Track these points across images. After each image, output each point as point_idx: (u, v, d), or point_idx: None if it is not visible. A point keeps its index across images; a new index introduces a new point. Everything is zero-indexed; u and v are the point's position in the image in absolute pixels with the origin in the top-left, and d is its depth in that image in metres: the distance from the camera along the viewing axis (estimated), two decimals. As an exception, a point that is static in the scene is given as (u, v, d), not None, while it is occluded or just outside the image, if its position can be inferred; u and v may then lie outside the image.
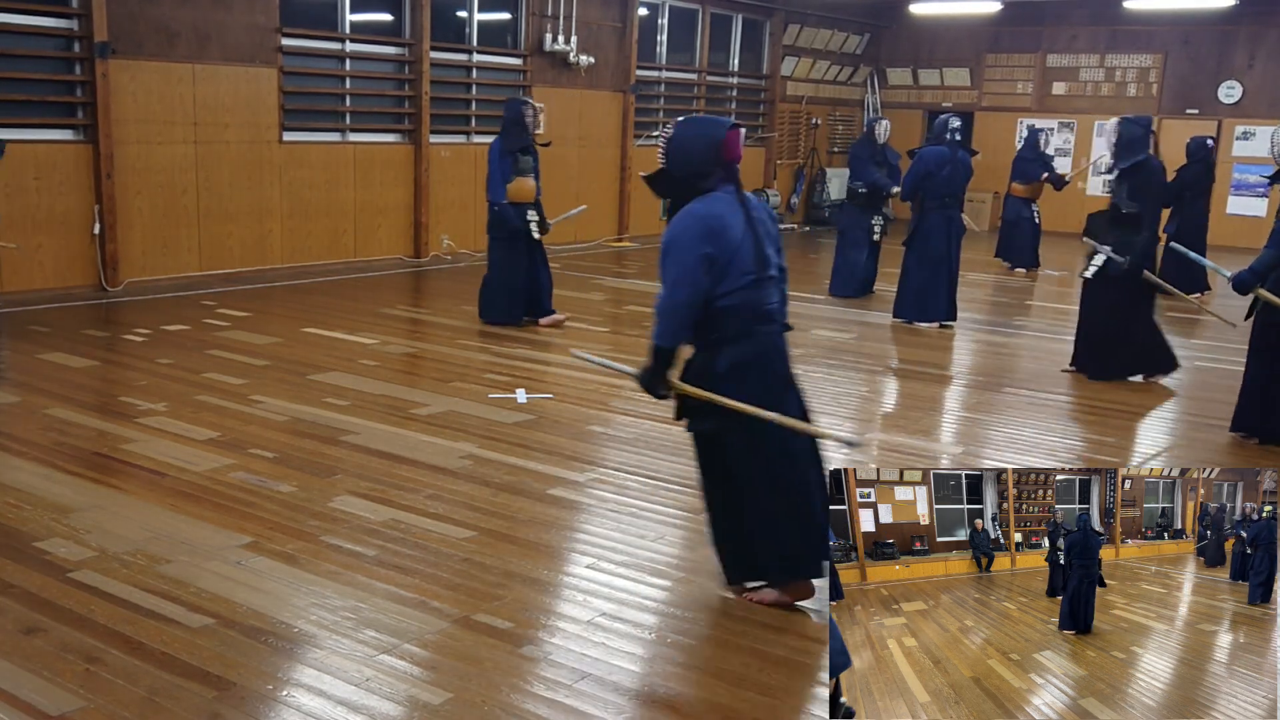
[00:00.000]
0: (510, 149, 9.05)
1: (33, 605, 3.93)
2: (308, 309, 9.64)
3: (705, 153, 3.97)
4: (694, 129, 4.05)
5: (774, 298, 4.02)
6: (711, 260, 3.87)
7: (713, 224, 3.90)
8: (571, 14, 14.16)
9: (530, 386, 7.18)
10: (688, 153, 4.00)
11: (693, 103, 16.83)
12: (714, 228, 3.89)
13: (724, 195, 3.97)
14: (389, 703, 3.38)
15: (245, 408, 6.45)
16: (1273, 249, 6.13)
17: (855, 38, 19.26)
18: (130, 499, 5.04)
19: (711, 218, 3.91)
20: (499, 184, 9.03)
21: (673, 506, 5.14)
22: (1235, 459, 6.27)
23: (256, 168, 11.23)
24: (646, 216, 16.18)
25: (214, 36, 10.70)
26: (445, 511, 4.96)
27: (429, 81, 12.56)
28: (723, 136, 3.97)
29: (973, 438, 6.61)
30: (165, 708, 3.30)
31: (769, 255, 3.98)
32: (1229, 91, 17.11)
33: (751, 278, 3.92)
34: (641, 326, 9.73)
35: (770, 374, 4.02)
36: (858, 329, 9.75)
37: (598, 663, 3.66)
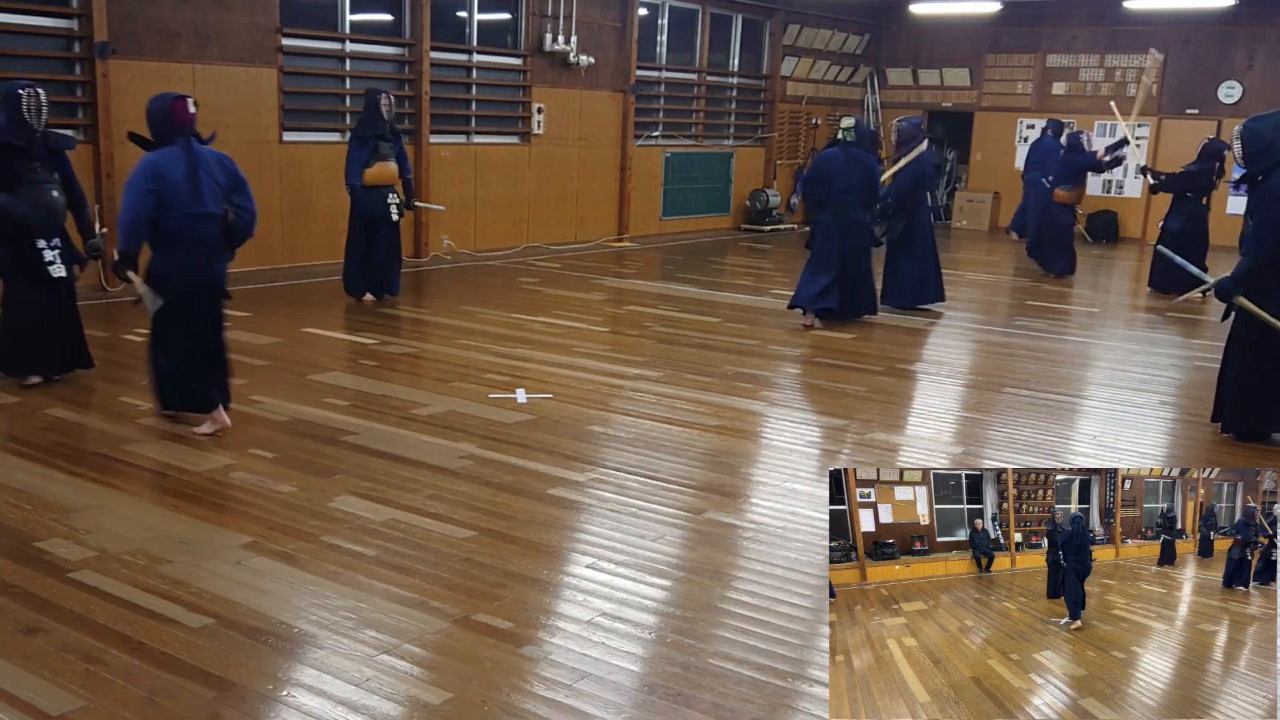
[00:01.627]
0: (365, 135, 9.67)
1: (33, 605, 3.93)
2: (308, 309, 9.64)
3: (163, 119, 5.70)
4: (153, 103, 5.77)
5: (207, 228, 5.69)
6: (153, 193, 5.53)
7: (159, 169, 5.58)
8: (571, 14, 14.16)
9: (530, 386, 7.18)
10: (153, 120, 5.75)
11: (693, 103, 16.84)
12: (158, 172, 5.57)
13: (175, 149, 5.63)
14: (389, 703, 3.38)
15: (245, 408, 6.45)
16: (1249, 257, 6.22)
17: (855, 38, 19.26)
18: (130, 499, 5.04)
19: (159, 164, 5.59)
20: (354, 168, 9.66)
21: (673, 506, 5.14)
22: (1235, 459, 6.27)
23: (256, 168, 11.19)
24: (647, 217, 16.20)
25: (214, 37, 10.71)
26: (445, 511, 4.96)
27: (429, 81, 12.56)
28: (169, 106, 5.69)
29: (973, 438, 6.61)
30: (165, 708, 3.30)
31: (204, 198, 5.64)
32: (1229, 91, 17.11)
33: (186, 211, 5.60)
34: (642, 326, 9.74)
35: (188, 280, 5.78)
36: (857, 329, 9.75)
37: (598, 663, 3.66)
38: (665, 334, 9.27)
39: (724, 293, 11.55)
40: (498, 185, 13.66)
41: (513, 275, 12.06)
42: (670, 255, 14.57)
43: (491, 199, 13.57)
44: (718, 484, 5.51)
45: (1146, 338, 9.85)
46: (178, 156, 5.65)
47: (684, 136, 16.70)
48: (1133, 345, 9.49)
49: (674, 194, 16.63)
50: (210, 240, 5.79)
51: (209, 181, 5.71)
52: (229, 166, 5.86)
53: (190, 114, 5.77)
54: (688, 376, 7.65)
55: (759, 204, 17.63)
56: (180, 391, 6.05)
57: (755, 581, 4.37)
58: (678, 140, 16.55)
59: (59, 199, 6.60)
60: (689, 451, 6.00)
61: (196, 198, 5.65)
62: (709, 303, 10.87)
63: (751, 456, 6.12)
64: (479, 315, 9.62)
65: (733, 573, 4.48)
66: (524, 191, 14.14)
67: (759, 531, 4.89)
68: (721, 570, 4.48)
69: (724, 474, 5.68)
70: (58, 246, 6.62)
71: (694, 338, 9.06)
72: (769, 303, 10.94)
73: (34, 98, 6.38)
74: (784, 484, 5.53)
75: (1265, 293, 6.22)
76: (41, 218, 6.49)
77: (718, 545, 4.75)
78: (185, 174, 5.63)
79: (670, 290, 11.65)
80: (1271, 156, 6.16)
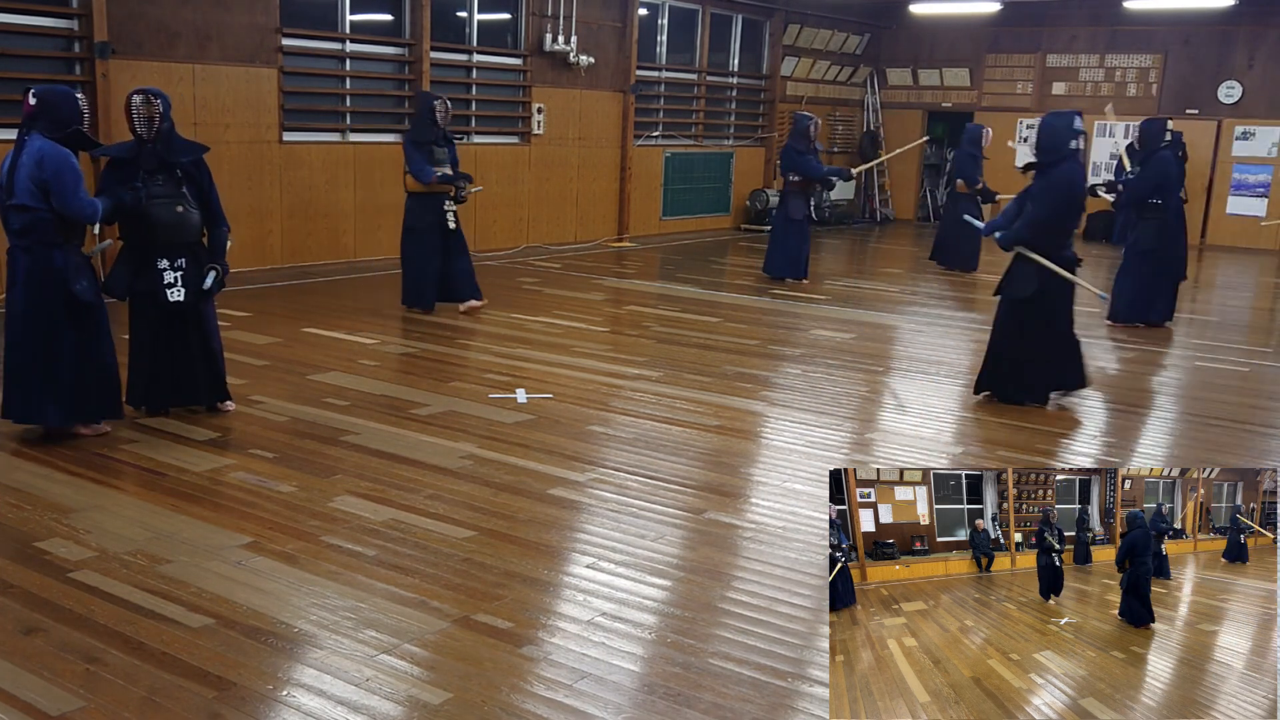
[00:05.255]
0: (421, 140, 9.38)
1: (33, 605, 3.93)
2: (308, 309, 9.64)
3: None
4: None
5: (13, 222, 5.57)
6: None
7: (3, 162, 5.58)
8: (571, 14, 14.16)
9: (530, 386, 7.18)
10: None
11: (693, 102, 16.84)
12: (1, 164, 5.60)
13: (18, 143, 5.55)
14: (389, 703, 3.38)
15: (245, 408, 6.45)
16: (1015, 236, 6.94)
17: (855, 38, 19.26)
18: (130, 499, 5.04)
19: (7, 157, 5.56)
20: (425, 165, 9.31)
21: (673, 506, 5.14)
22: (1234, 457, 6.27)
23: (256, 168, 11.23)
24: (647, 217, 16.20)
25: (214, 37, 10.71)
26: (445, 511, 4.96)
27: (429, 81, 12.56)
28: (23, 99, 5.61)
29: (973, 438, 6.61)
30: (165, 708, 3.30)
31: (15, 189, 5.50)
32: (1229, 92, 17.10)
33: (4, 199, 5.56)
34: (642, 326, 9.73)
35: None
36: (857, 329, 9.75)
37: (598, 663, 3.66)
38: (665, 334, 9.27)
39: (724, 293, 11.55)
40: (498, 185, 13.65)
41: (513, 275, 12.06)
42: (670, 255, 14.57)
43: (491, 199, 13.57)
44: (718, 484, 5.51)
45: (1147, 337, 9.84)
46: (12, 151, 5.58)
47: (684, 136, 16.70)
48: (1133, 345, 9.49)
49: (674, 194, 16.63)
50: (18, 234, 5.58)
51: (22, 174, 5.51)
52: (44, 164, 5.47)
53: (28, 106, 5.55)
54: (688, 376, 7.65)
55: (759, 204, 17.63)
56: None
57: (755, 581, 4.37)
58: (678, 140, 16.55)
59: (184, 214, 6.02)
60: (689, 451, 6.00)
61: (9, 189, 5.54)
62: (709, 303, 10.87)
63: (751, 456, 6.12)
64: (479, 315, 9.61)
65: (733, 573, 4.48)
66: (524, 191, 14.14)
67: (759, 531, 4.89)
68: (721, 570, 4.48)
69: (724, 474, 5.68)
70: (181, 268, 6.04)
71: (694, 338, 9.06)
72: (769, 303, 10.94)
73: (145, 106, 5.90)
74: (784, 484, 5.53)
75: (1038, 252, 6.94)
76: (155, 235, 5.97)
77: (718, 545, 4.75)
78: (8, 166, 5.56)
79: (670, 290, 11.65)
80: (1058, 152, 6.78)
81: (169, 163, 6.02)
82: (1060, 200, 6.87)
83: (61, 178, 5.48)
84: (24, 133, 5.58)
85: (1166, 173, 9.98)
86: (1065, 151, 6.78)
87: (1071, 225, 7.09)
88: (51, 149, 5.51)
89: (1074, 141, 6.81)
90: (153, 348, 6.13)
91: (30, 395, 5.65)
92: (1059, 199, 6.85)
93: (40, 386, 5.64)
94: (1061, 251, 6.95)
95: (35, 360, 5.62)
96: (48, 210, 5.52)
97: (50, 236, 5.57)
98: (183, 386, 6.25)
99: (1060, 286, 6.95)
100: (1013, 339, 7.08)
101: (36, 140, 5.54)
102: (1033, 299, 6.91)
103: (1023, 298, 6.95)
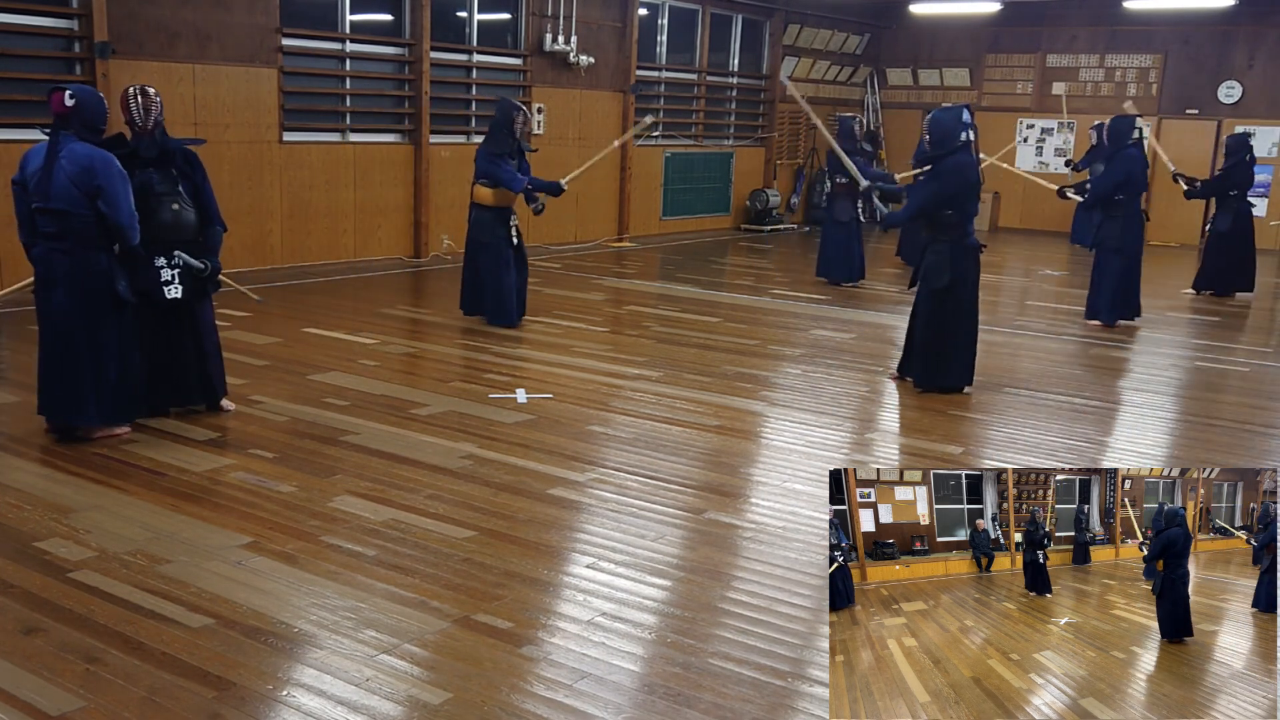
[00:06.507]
0: (499, 151, 8.89)
1: (33, 605, 3.93)
2: (308, 309, 9.64)
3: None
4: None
5: (48, 224, 5.50)
6: (18, 182, 5.58)
7: (24, 160, 5.57)
8: (571, 14, 14.16)
9: (530, 386, 7.18)
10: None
11: (693, 103, 16.84)
12: (22, 163, 5.57)
13: (46, 142, 5.50)
14: (389, 703, 3.38)
15: (245, 408, 6.45)
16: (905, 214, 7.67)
17: (855, 38, 19.26)
18: (130, 499, 5.04)
19: (25, 156, 5.58)
20: (514, 175, 8.86)
21: (673, 506, 5.14)
22: (1234, 457, 6.27)
23: (256, 168, 11.23)
24: (647, 217, 16.20)
25: (214, 37, 10.71)
26: (445, 511, 4.96)
27: (429, 81, 12.56)
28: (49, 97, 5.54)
29: (973, 438, 6.61)
30: (165, 708, 3.30)
31: (51, 192, 5.40)
32: (1229, 92, 17.11)
33: (39, 202, 5.46)
34: (642, 326, 9.73)
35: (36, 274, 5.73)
36: (858, 329, 9.75)
37: (598, 663, 3.66)
38: (665, 334, 9.27)
39: (724, 293, 11.55)
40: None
41: (513, 275, 12.04)
42: (670, 255, 14.57)
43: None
44: (718, 484, 5.51)
45: (1147, 337, 9.84)
46: (42, 150, 5.51)
47: (684, 136, 16.70)
48: (1132, 345, 9.49)
49: (674, 194, 16.63)
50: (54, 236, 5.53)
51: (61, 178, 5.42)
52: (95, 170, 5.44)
53: (64, 106, 5.45)
54: (688, 376, 7.65)
55: (759, 204, 17.64)
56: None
57: (755, 581, 4.37)
58: (678, 140, 16.55)
59: (180, 213, 5.98)
60: (689, 451, 6.00)
61: (44, 192, 5.43)
62: (709, 303, 10.87)
63: (751, 456, 6.12)
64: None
65: (733, 573, 4.48)
66: (524, 191, 14.13)
67: (759, 531, 4.89)
68: (721, 570, 4.48)
69: (724, 474, 5.68)
70: (178, 265, 5.99)
71: (694, 338, 9.06)
72: (769, 303, 10.94)
73: (143, 96, 5.92)
74: (784, 484, 5.53)
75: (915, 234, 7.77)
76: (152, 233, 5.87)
77: (718, 545, 4.75)
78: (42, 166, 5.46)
79: (670, 290, 11.65)
80: (947, 145, 7.14)
81: (167, 152, 5.99)
82: (951, 185, 7.16)
83: (114, 186, 5.49)
84: (55, 134, 5.48)
85: (1132, 170, 10.01)
86: (956, 144, 7.13)
87: (971, 210, 7.40)
88: (100, 155, 5.49)
89: (964, 134, 7.15)
90: (150, 347, 6.11)
91: (75, 394, 5.66)
92: (949, 184, 7.15)
93: (90, 385, 5.65)
94: (964, 239, 7.27)
95: (80, 360, 5.64)
96: (90, 214, 5.48)
97: (91, 239, 5.55)
98: (180, 386, 6.24)
99: (970, 274, 7.33)
100: (934, 328, 7.37)
101: (73, 143, 5.45)
102: (949, 288, 7.24)
103: (940, 287, 7.26)
